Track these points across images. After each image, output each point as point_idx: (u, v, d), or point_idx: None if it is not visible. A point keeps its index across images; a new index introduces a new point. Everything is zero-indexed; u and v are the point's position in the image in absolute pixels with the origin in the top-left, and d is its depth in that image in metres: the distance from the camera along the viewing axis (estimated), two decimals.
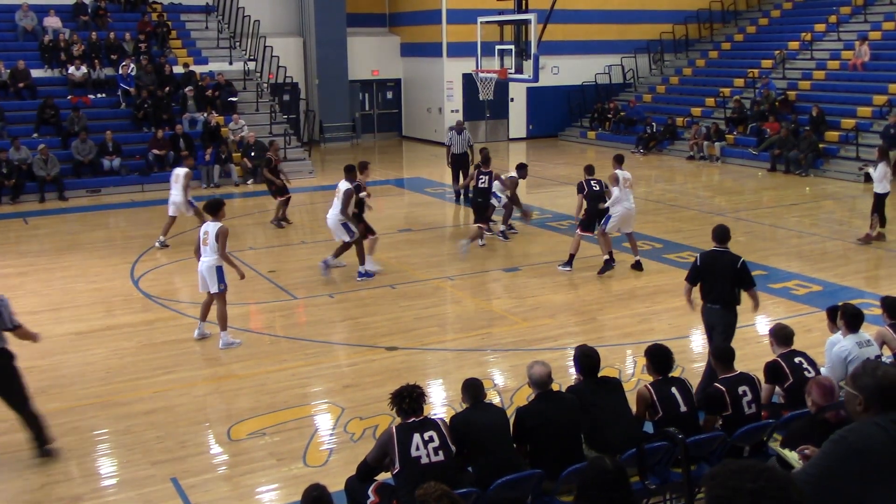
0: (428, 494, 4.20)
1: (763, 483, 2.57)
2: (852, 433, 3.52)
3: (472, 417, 5.83)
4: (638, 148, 26.92)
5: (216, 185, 21.60)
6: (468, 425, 5.76)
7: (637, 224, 16.61)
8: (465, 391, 6.04)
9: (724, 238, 8.40)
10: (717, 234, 8.43)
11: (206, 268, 10.18)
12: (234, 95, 24.42)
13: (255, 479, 7.19)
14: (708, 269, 8.36)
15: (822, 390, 5.48)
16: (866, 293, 11.89)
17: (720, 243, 8.39)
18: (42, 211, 19.10)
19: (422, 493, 4.22)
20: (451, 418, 5.95)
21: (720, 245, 8.38)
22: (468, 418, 5.84)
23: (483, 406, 5.96)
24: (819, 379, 5.78)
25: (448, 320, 11.72)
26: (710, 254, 8.42)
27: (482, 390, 6.05)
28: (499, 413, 6.00)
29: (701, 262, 8.41)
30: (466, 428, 5.75)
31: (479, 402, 5.96)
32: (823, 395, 5.47)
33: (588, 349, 6.37)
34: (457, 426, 5.77)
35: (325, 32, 29.20)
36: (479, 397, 5.98)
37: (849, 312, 7.02)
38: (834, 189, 20.60)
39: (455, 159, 19.64)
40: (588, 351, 6.35)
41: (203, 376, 9.49)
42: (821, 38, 27.57)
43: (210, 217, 10.29)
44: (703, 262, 8.41)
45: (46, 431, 7.54)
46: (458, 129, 19.68)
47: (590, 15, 30.61)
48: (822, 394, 5.47)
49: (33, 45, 23.75)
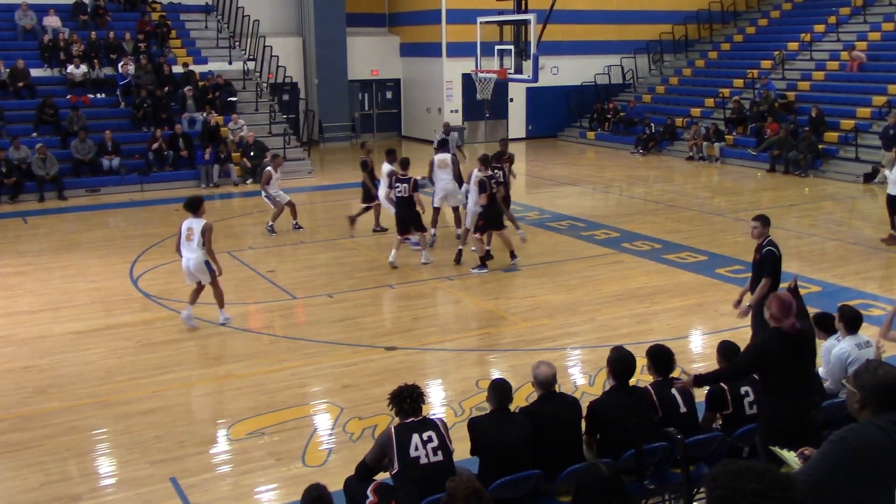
0: (458, 489, 4.15)
1: (766, 484, 2.57)
2: (851, 434, 3.53)
3: (489, 425, 5.73)
4: (637, 148, 26.92)
5: (215, 184, 21.59)
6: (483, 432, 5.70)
7: (636, 224, 16.71)
8: (491, 392, 5.87)
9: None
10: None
11: (194, 264, 10.58)
12: (233, 95, 24.41)
13: (254, 478, 7.19)
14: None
15: (781, 303, 5.73)
16: (865, 294, 11.90)
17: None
18: (41, 210, 19.09)
19: (452, 486, 4.19)
20: (469, 419, 5.87)
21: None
22: (485, 425, 5.74)
23: (503, 414, 5.77)
24: (779, 293, 6.02)
25: (447, 320, 11.71)
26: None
27: (508, 392, 5.84)
28: (522, 424, 5.78)
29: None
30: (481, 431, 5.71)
31: (502, 409, 5.77)
32: (781, 307, 5.70)
33: (624, 353, 6.20)
34: (474, 429, 5.71)
35: (324, 32, 29.20)
36: (503, 404, 5.79)
37: (847, 314, 7.00)
38: (833, 190, 20.61)
39: None
40: (623, 355, 6.18)
41: (202, 376, 9.49)
42: (820, 39, 27.57)
43: (191, 214, 10.63)
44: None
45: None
46: (445, 132, 19.80)
47: (589, 15, 30.62)
48: (780, 307, 5.71)
49: (33, 44, 23.74)
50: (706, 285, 12.58)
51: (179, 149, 21.90)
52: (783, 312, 5.69)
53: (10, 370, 9.62)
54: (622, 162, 25.52)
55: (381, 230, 16.17)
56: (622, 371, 6.15)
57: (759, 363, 5.72)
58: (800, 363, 5.76)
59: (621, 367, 6.15)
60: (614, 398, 6.04)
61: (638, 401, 6.02)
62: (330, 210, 19.21)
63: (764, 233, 8.75)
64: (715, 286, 12.48)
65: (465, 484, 4.19)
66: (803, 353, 5.82)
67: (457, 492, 4.14)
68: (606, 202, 20.10)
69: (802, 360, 5.80)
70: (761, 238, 8.75)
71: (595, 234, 15.96)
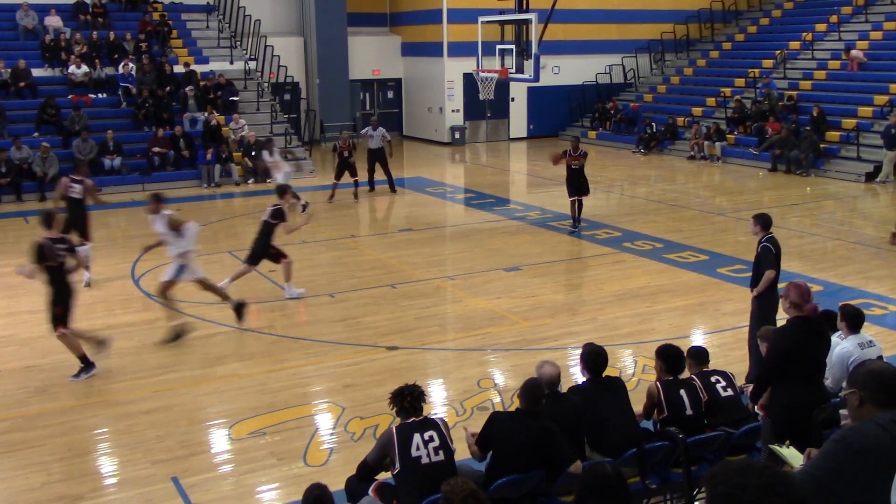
0: (454, 492, 4.16)
1: (768, 479, 2.57)
2: (852, 433, 3.53)
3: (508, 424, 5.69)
4: (639, 148, 26.92)
5: (217, 184, 21.59)
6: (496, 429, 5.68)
7: (638, 223, 16.71)
8: (522, 393, 5.72)
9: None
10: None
11: (182, 260, 10.57)
12: (234, 95, 24.42)
13: (256, 478, 7.19)
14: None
15: (799, 290, 5.77)
16: (867, 293, 11.89)
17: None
18: (42, 210, 19.03)
19: (448, 490, 4.19)
20: (490, 415, 5.81)
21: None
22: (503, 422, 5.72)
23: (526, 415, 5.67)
24: (795, 281, 6.04)
25: (448, 320, 11.71)
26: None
27: (539, 398, 5.68)
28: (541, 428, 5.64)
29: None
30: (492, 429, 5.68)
31: (532, 411, 5.64)
32: (800, 293, 5.74)
33: (597, 347, 6.31)
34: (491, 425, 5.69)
35: (325, 32, 29.19)
36: (533, 406, 5.65)
37: (849, 313, 6.99)
38: (835, 189, 20.60)
39: (371, 154, 20.30)
40: (597, 349, 6.29)
41: (203, 375, 9.49)
42: (822, 38, 27.55)
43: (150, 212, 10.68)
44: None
45: None
46: (373, 126, 20.18)
47: (591, 15, 30.60)
48: (799, 293, 5.75)
49: (34, 44, 23.75)
50: (708, 285, 12.57)
51: (181, 149, 21.90)
52: (803, 297, 5.73)
53: (12, 370, 9.64)
54: (623, 161, 25.52)
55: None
56: (599, 365, 6.22)
57: (788, 355, 5.71)
58: (817, 351, 5.80)
59: (598, 361, 6.19)
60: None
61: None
62: (331, 210, 19.21)
63: (759, 231, 8.73)
64: (716, 286, 12.48)
65: (462, 486, 4.19)
66: (821, 341, 5.86)
67: (453, 495, 4.15)
68: (608, 202, 20.09)
69: (820, 347, 5.84)
70: (760, 235, 8.74)
71: (596, 233, 15.96)
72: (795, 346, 5.65)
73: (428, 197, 20.76)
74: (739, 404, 6.49)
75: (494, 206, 19.23)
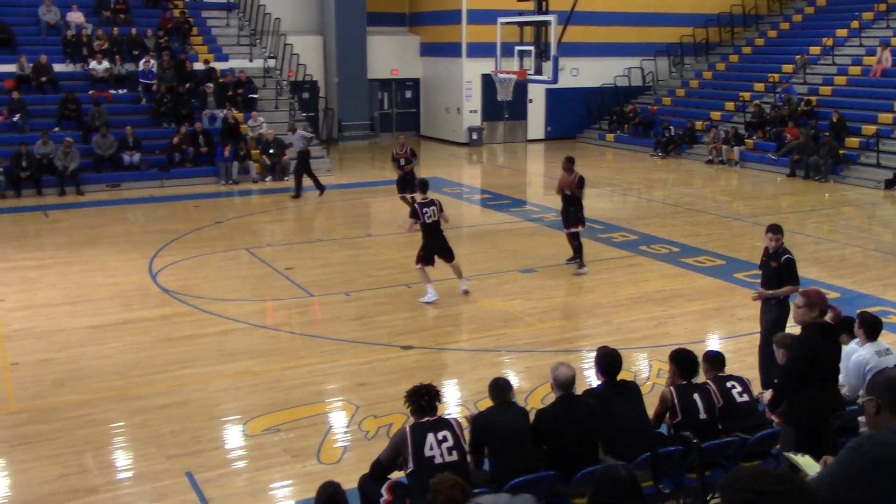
0: (441, 483, 4.33)
1: (788, 486, 2.57)
2: (869, 441, 3.51)
3: (494, 417, 5.84)
4: (656, 151, 26.84)
5: (235, 181, 21.67)
6: (489, 424, 5.78)
7: (655, 227, 16.65)
8: (490, 390, 6.05)
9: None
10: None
11: None
12: (253, 93, 24.51)
13: (270, 474, 7.22)
14: None
15: (820, 295, 5.95)
16: (885, 301, 11.80)
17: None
18: (62, 205, 19.23)
19: (436, 482, 4.36)
20: (473, 416, 5.99)
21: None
22: (490, 417, 5.85)
23: (505, 406, 5.94)
24: (812, 288, 6.24)
25: (463, 320, 11.71)
26: None
27: (506, 391, 6.01)
28: (520, 413, 5.97)
29: None
30: (487, 426, 5.76)
31: (502, 402, 5.94)
32: (822, 298, 5.92)
33: (611, 350, 6.33)
34: (478, 423, 5.80)
35: (345, 31, 29.26)
36: (503, 397, 5.96)
37: (867, 320, 6.95)
38: (854, 196, 20.46)
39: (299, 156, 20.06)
40: (611, 352, 6.31)
41: (219, 371, 9.53)
42: (842, 44, 27.36)
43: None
44: None
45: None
46: (291, 130, 20.32)
47: (610, 17, 30.51)
48: (822, 297, 5.91)
49: (56, 39, 23.93)
50: (724, 289, 12.51)
51: (199, 145, 22.00)
52: (825, 302, 5.90)
53: (29, 363, 9.71)
54: (641, 164, 25.43)
55: None
56: (613, 367, 6.23)
57: (808, 363, 5.74)
58: (833, 357, 5.87)
59: (613, 364, 6.19)
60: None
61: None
62: (348, 208, 19.26)
63: (782, 242, 8.77)
64: (732, 290, 12.41)
65: (447, 477, 4.41)
66: (836, 347, 5.93)
67: (440, 485, 4.34)
68: (625, 204, 20.04)
69: (835, 353, 5.91)
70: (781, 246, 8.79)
71: (613, 236, 15.92)
72: (814, 353, 5.66)
73: (444, 197, 20.62)
74: (755, 410, 6.47)
75: (511, 208, 19.22)
